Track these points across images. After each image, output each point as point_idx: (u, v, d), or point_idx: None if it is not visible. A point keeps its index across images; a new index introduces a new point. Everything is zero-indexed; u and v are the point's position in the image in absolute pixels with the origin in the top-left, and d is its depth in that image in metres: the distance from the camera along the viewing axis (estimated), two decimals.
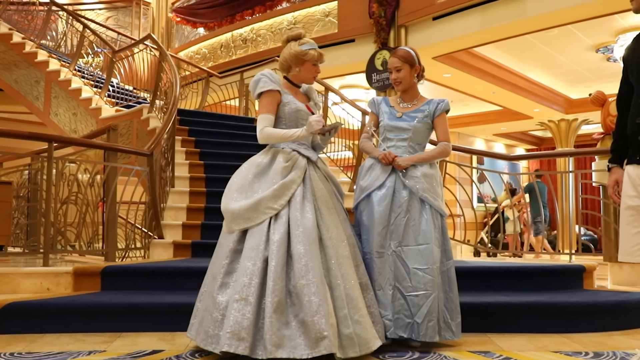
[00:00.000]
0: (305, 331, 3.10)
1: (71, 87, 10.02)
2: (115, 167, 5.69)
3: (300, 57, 3.66)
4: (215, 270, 3.39)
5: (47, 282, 4.65)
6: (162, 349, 3.57)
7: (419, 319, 3.54)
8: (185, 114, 9.24)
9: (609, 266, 5.93)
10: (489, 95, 12.46)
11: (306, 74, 3.75)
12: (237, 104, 11.51)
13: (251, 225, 3.36)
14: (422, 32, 9.79)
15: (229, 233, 3.45)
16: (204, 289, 3.49)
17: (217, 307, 3.24)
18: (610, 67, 11.20)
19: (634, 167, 2.95)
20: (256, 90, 3.63)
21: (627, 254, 2.96)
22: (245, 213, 3.37)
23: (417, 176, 3.76)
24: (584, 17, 8.26)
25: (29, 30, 11.63)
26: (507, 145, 18.42)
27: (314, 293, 3.15)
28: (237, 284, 3.21)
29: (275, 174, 3.48)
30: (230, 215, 3.42)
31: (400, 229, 3.71)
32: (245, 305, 3.12)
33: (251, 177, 3.52)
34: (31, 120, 12.46)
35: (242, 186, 3.49)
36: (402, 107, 3.96)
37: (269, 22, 12.31)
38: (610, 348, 3.67)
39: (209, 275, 3.49)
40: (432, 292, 3.56)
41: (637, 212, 2.91)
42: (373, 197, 3.80)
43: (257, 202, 3.38)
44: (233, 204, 3.42)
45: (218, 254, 3.48)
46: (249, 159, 3.67)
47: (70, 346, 3.62)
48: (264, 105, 3.62)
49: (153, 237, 6.00)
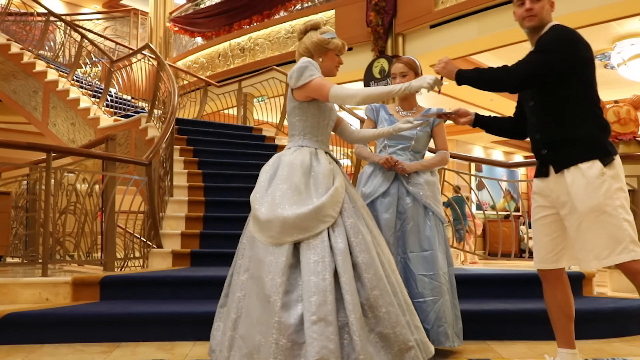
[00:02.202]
0: (385, 345, 2.87)
1: (69, 97, 10.03)
2: (114, 177, 5.69)
3: (324, 45, 3.35)
4: (269, 290, 2.82)
5: (46, 292, 4.64)
6: (161, 358, 3.56)
7: (427, 325, 3.54)
8: (184, 123, 9.26)
9: (609, 273, 5.92)
10: (487, 103, 12.49)
11: (330, 63, 3.39)
12: (235, 113, 11.52)
13: (307, 236, 2.92)
14: (420, 40, 9.82)
15: (274, 246, 2.93)
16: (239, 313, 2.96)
17: (283, 333, 2.74)
18: (608, 74, 11.22)
19: (541, 180, 3.08)
20: (303, 77, 3.17)
21: (542, 262, 3.12)
22: (303, 222, 2.92)
23: (420, 183, 3.79)
24: (580, 24, 8.28)
25: (27, 40, 11.66)
26: (506, 153, 18.44)
27: (390, 303, 2.92)
28: (309, 303, 2.75)
29: (324, 176, 3.12)
30: (281, 224, 2.93)
31: (405, 236, 3.74)
32: (327, 326, 2.72)
33: (300, 178, 3.08)
34: (29, 130, 12.46)
35: (293, 185, 3.05)
36: (402, 116, 3.97)
37: (267, 31, 12.35)
38: (609, 355, 3.67)
39: (251, 297, 2.94)
40: (440, 298, 3.58)
41: (550, 221, 3.06)
42: (378, 204, 3.80)
43: (317, 208, 2.96)
44: (285, 211, 2.95)
45: (262, 270, 2.91)
46: (280, 156, 3.28)
47: (70, 356, 3.62)
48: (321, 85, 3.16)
49: (152, 246, 6.00)
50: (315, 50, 3.35)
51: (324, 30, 3.40)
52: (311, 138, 3.27)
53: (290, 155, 3.20)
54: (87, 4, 16.97)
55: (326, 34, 3.38)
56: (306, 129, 3.28)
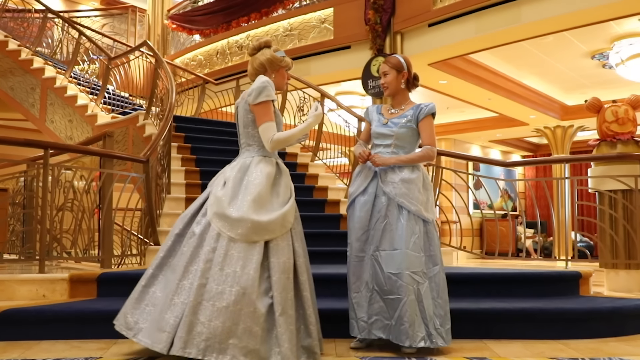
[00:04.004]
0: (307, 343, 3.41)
1: (67, 94, 10.02)
2: (111, 174, 5.68)
3: (277, 63, 3.78)
4: (244, 283, 3.22)
5: (43, 289, 4.64)
6: (157, 355, 3.56)
7: (394, 321, 3.63)
8: (182, 120, 9.26)
9: (605, 272, 5.94)
10: (485, 102, 12.49)
11: (281, 79, 3.83)
12: (232, 111, 11.50)
13: (272, 237, 3.40)
14: (418, 39, 9.81)
15: (247, 243, 3.34)
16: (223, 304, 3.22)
17: (256, 322, 3.18)
18: (606, 74, 11.24)
19: None
20: (260, 97, 3.60)
21: None
22: (270, 226, 3.39)
23: (394, 182, 3.83)
24: (579, 23, 8.29)
25: (24, 37, 11.63)
26: (503, 152, 18.45)
27: (314, 303, 3.53)
28: (280, 297, 3.27)
29: (286, 187, 3.62)
30: (252, 225, 3.35)
31: (378, 234, 3.80)
32: (288, 318, 3.26)
33: (269, 188, 3.54)
34: (27, 127, 12.44)
35: (260, 195, 3.46)
36: (390, 114, 4.05)
37: (265, 28, 12.32)
38: (606, 354, 3.68)
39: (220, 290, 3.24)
40: (404, 297, 3.59)
41: None
42: (356, 202, 3.92)
43: (283, 215, 3.46)
44: (255, 217, 3.37)
45: (238, 264, 3.29)
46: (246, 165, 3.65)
47: (66, 353, 3.62)
48: (266, 113, 3.61)
49: (149, 243, 6.00)
50: (269, 67, 3.77)
51: (276, 48, 3.83)
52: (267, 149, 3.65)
53: (258, 164, 3.60)
54: (85, 1, 16.92)
55: (279, 52, 3.81)
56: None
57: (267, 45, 3.84)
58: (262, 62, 3.77)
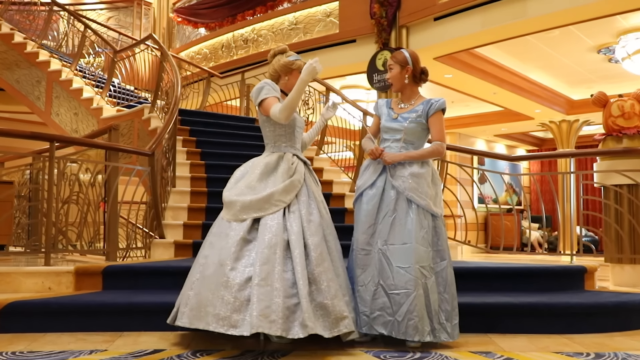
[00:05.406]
0: (324, 313, 3.47)
1: (72, 87, 10.03)
2: (117, 167, 5.69)
3: (288, 66, 4.07)
4: (223, 256, 3.56)
5: (49, 281, 4.66)
6: (163, 348, 3.57)
7: (399, 317, 3.59)
8: (187, 114, 9.25)
9: (610, 267, 5.93)
10: (490, 96, 12.46)
11: (294, 81, 3.99)
12: (238, 104, 11.51)
13: (262, 215, 3.68)
14: (424, 33, 9.79)
15: (236, 222, 3.71)
16: (197, 276, 3.64)
17: (229, 291, 3.43)
18: (612, 68, 11.19)
19: None
20: (259, 96, 3.95)
21: None
22: (257, 204, 3.70)
23: (404, 176, 3.82)
24: (585, 17, 8.26)
25: (30, 30, 11.63)
26: (508, 146, 18.41)
27: (331, 279, 3.57)
28: (260, 270, 3.44)
29: (283, 173, 3.84)
30: (240, 205, 3.72)
31: (387, 228, 3.78)
32: (272, 291, 3.38)
33: (260, 174, 3.84)
34: (32, 120, 12.47)
35: (252, 181, 3.82)
36: (399, 109, 4.03)
37: (270, 22, 12.30)
38: (611, 349, 3.68)
39: (208, 264, 3.63)
40: (413, 291, 3.58)
41: None
42: (364, 196, 3.92)
43: (269, 195, 3.71)
44: (243, 197, 3.74)
45: (222, 241, 3.67)
46: (254, 159, 4.01)
47: (72, 345, 3.63)
48: (268, 105, 3.90)
49: (154, 236, 6.01)
50: (282, 71, 4.09)
51: (289, 54, 4.13)
52: (280, 145, 3.98)
53: (264, 159, 3.95)
54: None
55: (291, 56, 4.11)
56: (276, 137, 3.99)
57: (282, 52, 4.13)
58: (276, 69, 4.10)
